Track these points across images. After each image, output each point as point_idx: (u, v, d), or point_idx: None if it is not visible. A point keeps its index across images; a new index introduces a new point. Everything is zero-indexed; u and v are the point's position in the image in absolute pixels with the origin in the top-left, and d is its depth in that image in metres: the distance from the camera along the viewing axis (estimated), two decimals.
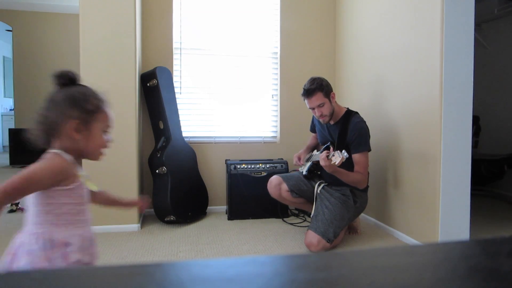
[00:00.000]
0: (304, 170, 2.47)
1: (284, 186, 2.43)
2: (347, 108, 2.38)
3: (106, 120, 1.06)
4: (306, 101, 2.29)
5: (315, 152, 2.56)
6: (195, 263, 0.29)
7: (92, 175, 2.62)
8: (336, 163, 1.97)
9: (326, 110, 2.25)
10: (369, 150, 2.27)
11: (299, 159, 2.54)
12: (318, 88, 2.22)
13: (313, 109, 2.28)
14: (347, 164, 2.18)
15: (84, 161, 2.70)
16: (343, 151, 1.99)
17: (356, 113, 2.34)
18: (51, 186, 0.94)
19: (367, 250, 0.32)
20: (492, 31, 3.81)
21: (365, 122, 2.30)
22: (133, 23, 2.51)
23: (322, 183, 2.38)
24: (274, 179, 2.48)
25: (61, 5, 5.85)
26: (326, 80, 2.29)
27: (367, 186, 2.38)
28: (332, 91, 2.30)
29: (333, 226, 2.15)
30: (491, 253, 0.31)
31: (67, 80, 1.02)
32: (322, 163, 2.07)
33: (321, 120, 2.32)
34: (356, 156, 2.23)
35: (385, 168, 2.57)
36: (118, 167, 2.50)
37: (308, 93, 2.24)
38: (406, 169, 2.34)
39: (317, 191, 2.35)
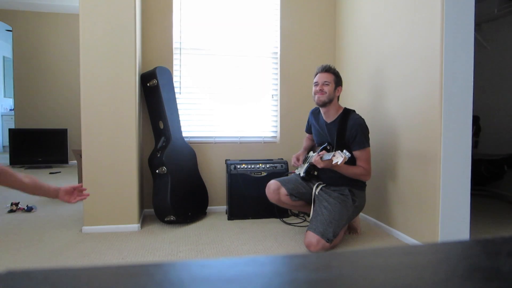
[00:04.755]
0: (301, 172, 2.47)
1: (283, 190, 2.42)
2: (345, 107, 2.39)
3: None
4: (317, 76, 2.37)
5: (311, 153, 2.57)
6: (195, 263, 0.29)
7: (92, 175, 2.64)
8: (338, 163, 1.98)
9: (328, 89, 2.31)
10: (369, 145, 2.28)
11: (298, 160, 2.56)
12: (335, 71, 2.38)
13: (316, 84, 2.34)
14: (350, 161, 2.19)
15: (83, 161, 2.71)
16: (344, 150, 2.00)
17: (354, 111, 2.35)
18: None
19: (367, 250, 0.32)
20: (492, 31, 3.81)
21: (363, 119, 2.30)
22: (133, 23, 2.51)
23: (320, 184, 2.38)
24: (272, 184, 2.45)
25: (61, 5, 5.86)
26: (342, 79, 2.44)
27: (365, 185, 2.38)
28: (340, 86, 2.39)
29: (332, 226, 2.15)
30: (491, 253, 0.31)
31: None
32: (319, 165, 2.12)
33: (316, 96, 2.33)
34: (357, 153, 2.23)
35: (385, 168, 2.57)
36: (118, 167, 2.50)
37: (325, 68, 2.36)
38: (406, 169, 2.34)
39: (315, 192, 2.35)
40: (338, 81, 2.35)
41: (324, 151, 2.24)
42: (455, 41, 1.99)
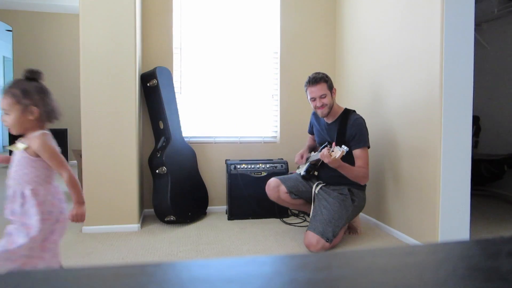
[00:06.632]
0: (302, 171, 2.48)
1: (283, 188, 2.42)
2: (345, 107, 2.39)
3: None
4: (308, 90, 2.30)
5: (312, 153, 2.57)
6: (195, 263, 0.29)
7: (92, 175, 2.64)
8: (336, 157, 1.98)
9: (327, 101, 2.27)
10: (369, 146, 2.28)
11: (301, 157, 2.55)
12: (323, 78, 2.28)
13: (313, 100, 2.29)
14: (348, 161, 2.18)
15: (83, 161, 2.69)
16: (343, 145, 2.01)
17: (354, 111, 2.35)
18: None
19: (367, 250, 0.32)
20: (492, 31, 3.81)
21: (363, 119, 2.30)
22: (133, 23, 2.51)
23: (320, 183, 2.38)
24: (272, 181, 2.46)
25: (61, 5, 5.86)
26: (330, 77, 2.36)
27: (365, 185, 2.38)
28: (334, 87, 2.35)
29: (331, 226, 2.15)
30: (491, 253, 0.31)
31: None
32: (325, 160, 2.06)
33: (319, 111, 2.31)
34: (357, 152, 2.23)
35: (385, 168, 2.57)
36: (118, 167, 2.50)
37: (314, 80, 2.27)
38: (406, 169, 2.34)
39: (315, 191, 2.35)
40: (330, 85, 2.31)
41: (326, 148, 2.24)
42: (455, 41, 1.99)
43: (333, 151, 2.03)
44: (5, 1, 5.73)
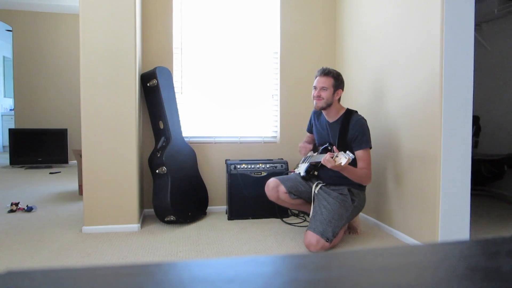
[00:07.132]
0: (301, 171, 2.47)
1: (282, 188, 2.42)
2: (347, 108, 2.39)
3: None
4: (316, 79, 2.35)
5: (311, 153, 2.56)
6: (195, 263, 0.29)
7: (92, 175, 2.64)
8: (342, 164, 1.96)
9: (325, 94, 2.29)
10: (371, 147, 2.28)
11: (305, 148, 2.54)
12: (334, 75, 2.32)
13: (315, 88, 2.33)
14: (350, 162, 2.18)
15: (83, 161, 2.71)
16: (347, 152, 1.99)
17: (356, 111, 2.36)
18: None
19: (367, 250, 0.32)
20: (492, 31, 3.81)
21: (365, 119, 2.30)
22: (133, 23, 2.51)
23: (319, 183, 2.38)
24: (271, 181, 2.46)
25: (61, 5, 5.86)
26: (343, 80, 2.39)
27: (365, 185, 2.38)
28: (341, 89, 2.35)
29: (331, 226, 2.15)
30: (491, 253, 0.31)
31: None
32: (328, 165, 2.05)
33: (314, 101, 2.34)
34: (359, 153, 2.23)
35: (385, 168, 2.57)
36: (118, 167, 2.50)
37: (323, 72, 2.32)
38: (406, 169, 2.34)
39: (314, 191, 2.35)
40: (337, 84, 2.32)
41: (329, 153, 2.23)
42: (455, 41, 1.99)
43: (337, 156, 2.01)
44: (5, 1, 5.73)
